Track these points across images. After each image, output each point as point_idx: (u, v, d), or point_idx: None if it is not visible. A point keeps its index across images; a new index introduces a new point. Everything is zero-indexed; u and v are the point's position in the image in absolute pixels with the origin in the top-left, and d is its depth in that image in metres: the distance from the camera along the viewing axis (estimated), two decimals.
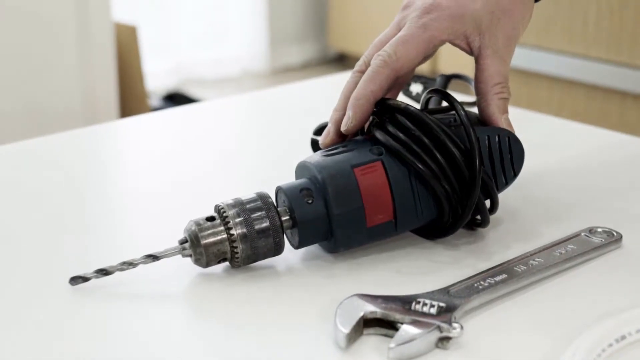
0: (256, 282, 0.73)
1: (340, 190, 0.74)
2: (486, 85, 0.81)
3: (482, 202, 0.77)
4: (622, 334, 0.64)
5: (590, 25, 1.97)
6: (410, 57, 0.80)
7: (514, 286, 0.71)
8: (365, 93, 0.79)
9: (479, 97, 0.82)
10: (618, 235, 0.80)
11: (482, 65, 0.82)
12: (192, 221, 0.73)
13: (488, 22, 0.81)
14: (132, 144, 1.16)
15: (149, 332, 0.67)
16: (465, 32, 0.81)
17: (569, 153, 1.05)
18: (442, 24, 0.80)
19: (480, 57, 0.82)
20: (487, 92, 0.81)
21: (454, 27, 0.80)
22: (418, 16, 0.80)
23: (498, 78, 0.81)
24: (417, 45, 0.80)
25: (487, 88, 0.81)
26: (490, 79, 0.81)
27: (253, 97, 1.44)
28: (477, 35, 0.81)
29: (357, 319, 0.64)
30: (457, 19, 0.80)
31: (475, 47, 0.81)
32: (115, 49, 2.64)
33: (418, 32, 0.79)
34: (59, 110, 2.48)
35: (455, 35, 0.81)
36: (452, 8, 0.80)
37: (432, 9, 0.80)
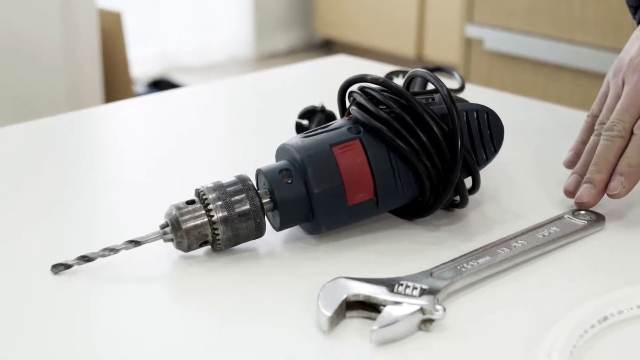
0: (238, 265, 0.73)
1: (320, 169, 0.74)
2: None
3: (461, 182, 0.77)
4: (604, 315, 0.64)
5: (576, 10, 1.97)
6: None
7: (496, 268, 0.71)
8: (639, 162, 0.81)
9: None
10: (601, 217, 0.80)
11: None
12: (173, 205, 0.72)
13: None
14: (116, 129, 1.16)
15: (132, 317, 0.66)
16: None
17: (553, 136, 1.05)
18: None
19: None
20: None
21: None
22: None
23: None
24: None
25: None
26: None
27: (238, 82, 1.44)
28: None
29: (339, 301, 0.64)
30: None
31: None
32: (99, 35, 2.62)
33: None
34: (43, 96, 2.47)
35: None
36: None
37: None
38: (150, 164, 0.99)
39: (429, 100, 0.79)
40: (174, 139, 1.08)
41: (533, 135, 1.06)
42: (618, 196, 0.80)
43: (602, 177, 0.81)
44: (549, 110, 1.19)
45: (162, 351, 0.62)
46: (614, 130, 0.82)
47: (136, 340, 0.63)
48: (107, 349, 0.62)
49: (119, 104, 1.29)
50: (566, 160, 0.89)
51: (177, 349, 0.62)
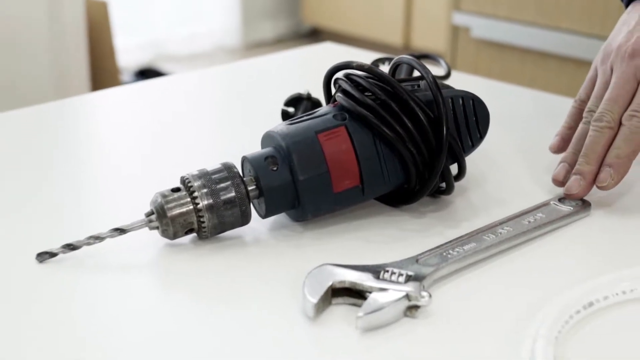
0: (224, 252, 0.73)
1: (305, 156, 0.73)
2: None
3: (447, 169, 0.77)
4: (590, 301, 0.64)
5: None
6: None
7: (482, 255, 0.71)
8: (627, 153, 0.81)
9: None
10: (587, 203, 0.80)
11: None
12: (158, 193, 0.72)
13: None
14: (102, 117, 1.15)
15: (117, 305, 0.66)
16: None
17: (539, 123, 1.05)
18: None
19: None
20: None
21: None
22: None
23: None
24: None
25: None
26: None
27: (224, 70, 1.43)
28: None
29: (325, 288, 0.64)
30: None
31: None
32: (86, 24, 2.62)
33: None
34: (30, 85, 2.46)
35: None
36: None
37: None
38: (135, 151, 0.98)
39: (414, 87, 0.79)
40: (160, 126, 1.08)
41: (519, 122, 1.06)
42: (607, 188, 0.80)
43: (591, 169, 0.81)
44: (535, 97, 1.19)
45: (148, 339, 0.62)
46: (602, 121, 0.82)
47: (122, 328, 0.63)
48: (93, 337, 0.62)
49: (105, 92, 1.28)
50: (552, 145, 0.89)
51: (163, 337, 0.62)
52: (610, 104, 0.82)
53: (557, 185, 0.83)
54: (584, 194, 0.81)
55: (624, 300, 0.65)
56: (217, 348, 0.60)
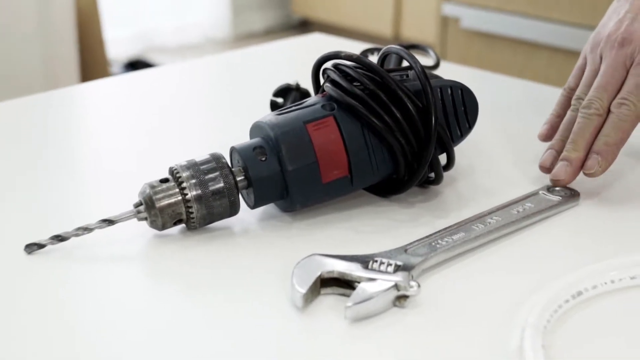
0: (213, 243, 0.73)
1: (293, 147, 0.73)
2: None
3: (436, 158, 0.77)
4: (578, 290, 0.64)
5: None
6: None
7: (471, 244, 0.71)
8: (615, 141, 0.81)
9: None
10: (575, 193, 0.80)
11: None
12: (147, 184, 0.72)
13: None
14: (91, 109, 1.15)
15: (106, 296, 0.66)
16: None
17: (529, 113, 1.05)
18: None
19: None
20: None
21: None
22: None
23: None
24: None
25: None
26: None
27: (213, 61, 1.43)
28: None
29: (314, 278, 0.64)
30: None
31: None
32: (75, 16, 2.61)
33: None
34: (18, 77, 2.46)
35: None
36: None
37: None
38: (124, 142, 0.98)
39: (403, 77, 0.79)
40: (149, 117, 1.08)
41: (508, 112, 1.06)
42: (594, 175, 0.80)
43: (578, 155, 0.81)
44: (524, 87, 1.19)
45: (137, 329, 0.61)
46: (591, 108, 0.82)
47: (111, 319, 0.63)
48: (82, 328, 0.62)
49: (94, 83, 1.28)
50: (541, 133, 0.89)
51: (152, 327, 0.62)
52: (599, 92, 0.83)
53: (544, 172, 0.83)
54: (570, 181, 0.81)
55: (612, 289, 0.66)
56: (206, 338, 0.60)
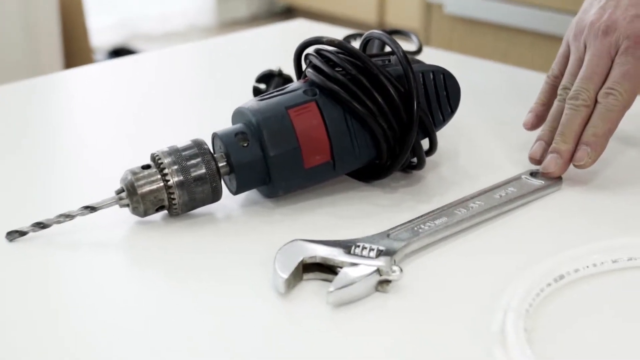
0: (195, 229, 0.73)
1: (275, 132, 0.73)
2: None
3: (418, 143, 0.77)
4: (560, 274, 0.64)
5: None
6: (637, 92, 0.83)
7: (454, 229, 0.71)
8: (604, 132, 0.81)
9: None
10: (558, 177, 0.80)
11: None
12: (128, 170, 0.72)
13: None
14: (74, 96, 1.15)
15: (89, 283, 0.66)
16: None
17: (511, 98, 1.05)
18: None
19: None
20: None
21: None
22: (634, 47, 0.82)
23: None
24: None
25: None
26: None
27: (196, 48, 1.43)
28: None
29: (296, 264, 0.64)
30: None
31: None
32: (58, 4, 2.60)
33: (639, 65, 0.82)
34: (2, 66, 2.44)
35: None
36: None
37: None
38: (106, 129, 0.98)
39: (385, 62, 0.78)
40: (132, 104, 1.07)
41: (491, 96, 1.06)
42: (584, 166, 0.80)
43: (568, 147, 0.81)
44: (507, 71, 1.19)
45: (120, 316, 0.61)
46: (578, 99, 0.82)
47: (93, 306, 0.63)
48: (65, 315, 0.61)
49: (77, 70, 1.28)
50: (526, 122, 0.89)
51: (134, 314, 0.62)
52: (586, 82, 0.83)
53: (534, 163, 0.83)
54: (561, 173, 0.80)
55: (594, 272, 0.66)
56: (188, 324, 0.60)
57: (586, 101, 0.82)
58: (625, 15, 0.83)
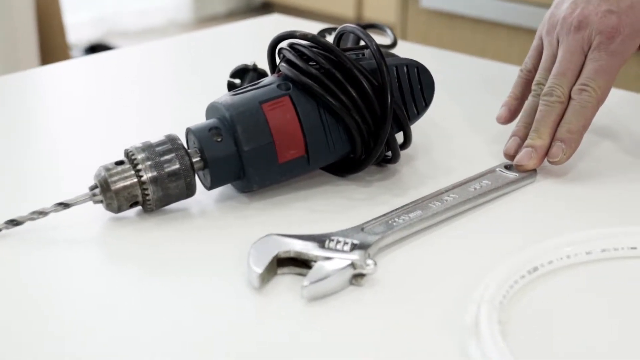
0: (170, 225, 0.72)
1: (249, 127, 0.73)
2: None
3: (392, 137, 0.77)
4: (534, 266, 0.64)
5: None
6: (610, 87, 0.84)
7: (428, 222, 0.71)
8: (578, 128, 0.82)
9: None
10: (532, 170, 0.80)
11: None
12: (102, 166, 0.72)
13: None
14: (49, 92, 1.14)
15: (63, 280, 0.66)
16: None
17: (487, 91, 1.06)
18: (628, 46, 0.84)
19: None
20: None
21: (635, 43, 0.85)
22: (606, 43, 0.83)
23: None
24: (614, 74, 0.84)
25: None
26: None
27: (171, 43, 1.42)
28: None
29: (270, 258, 0.64)
30: (637, 34, 0.84)
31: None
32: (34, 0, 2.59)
33: (613, 60, 0.83)
34: None
35: (636, 47, 0.85)
36: (632, 24, 0.84)
37: (616, 34, 0.83)
38: (81, 125, 0.98)
39: (358, 55, 0.78)
40: (106, 100, 1.07)
41: (466, 90, 1.06)
42: (559, 163, 0.81)
43: (543, 143, 0.81)
44: (482, 65, 1.20)
45: (94, 312, 0.61)
46: (552, 96, 0.82)
47: (67, 303, 0.62)
48: (39, 312, 0.61)
49: (54, 66, 1.27)
50: (499, 116, 0.89)
51: (109, 310, 0.61)
52: (559, 78, 0.83)
53: (509, 159, 0.83)
54: (534, 167, 0.81)
55: (568, 264, 0.66)
56: (163, 319, 0.60)
57: (560, 97, 0.82)
58: (597, 11, 0.84)
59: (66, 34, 2.77)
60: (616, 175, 0.82)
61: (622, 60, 0.83)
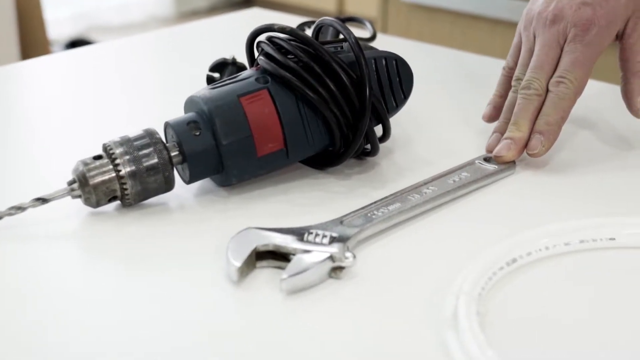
0: (148, 219, 0.72)
1: (227, 120, 0.73)
2: (629, 62, 0.86)
3: (371, 130, 0.77)
4: (513, 257, 0.64)
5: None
6: (587, 78, 0.84)
7: (407, 215, 0.71)
8: (556, 120, 0.82)
9: (621, 76, 0.87)
10: (511, 162, 0.80)
11: (626, 45, 0.86)
12: (80, 161, 0.71)
13: (631, 13, 0.86)
14: (28, 87, 1.14)
15: (42, 274, 0.65)
16: (618, 31, 0.86)
17: (466, 84, 1.06)
18: (603, 37, 0.85)
19: (624, 38, 0.86)
20: (629, 69, 0.86)
21: (610, 34, 0.85)
22: (581, 35, 0.84)
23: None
24: (590, 65, 0.84)
25: (629, 65, 0.86)
26: (634, 56, 0.86)
27: (151, 38, 1.42)
28: (624, 26, 0.86)
29: (249, 252, 0.64)
30: (612, 25, 0.85)
31: (620, 34, 0.87)
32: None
33: (588, 52, 0.84)
34: None
35: (612, 38, 0.86)
36: (607, 16, 0.84)
37: (590, 26, 0.84)
38: (60, 120, 0.97)
39: (337, 48, 0.78)
40: (85, 95, 1.07)
41: (446, 83, 1.06)
42: (538, 155, 0.81)
43: (521, 135, 0.81)
44: (462, 58, 1.20)
45: (74, 307, 0.61)
46: (530, 89, 0.83)
47: (47, 299, 0.62)
48: (18, 308, 0.61)
49: (33, 61, 1.26)
50: (485, 114, 0.89)
51: (89, 305, 0.61)
52: (536, 71, 0.83)
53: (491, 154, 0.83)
54: (513, 158, 0.81)
55: (546, 255, 0.66)
56: (142, 313, 0.60)
57: (538, 90, 0.82)
58: (572, 4, 0.84)
59: (46, 29, 2.76)
60: (595, 166, 0.83)
61: (598, 51, 0.84)
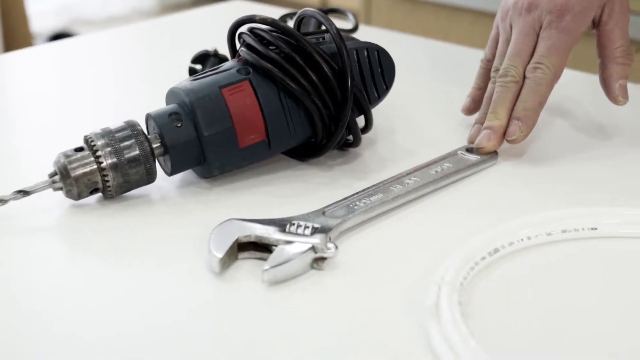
0: (130, 211, 0.72)
1: (209, 112, 0.73)
2: (606, 49, 0.86)
3: (353, 121, 0.77)
4: (495, 247, 0.64)
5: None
6: (564, 64, 0.84)
7: (389, 205, 0.71)
8: (534, 105, 0.82)
9: (599, 63, 0.87)
10: (494, 152, 0.81)
11: (603, 32, 0.86)
12: (61, 153, 0.71)
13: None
14: (8, 79, 1.13)
15: (25, 267, 0.65)
16: (594, 17, 0.86)
17: (449, 75, 1.06)
18: (578, 23, 0.84)
19: (601, 25, 0.86)
20: (606, 55, 0.86)
21: (585, 21, 0.85)
22: (556, 21, 0.84)
23: (619, 42, 0.86)
24: (567, 51, 0.84)
25: (607, 52, 0.86)
26: (611, 43, 0.86)
27: (133, 30, 1.42)
28: (600, 13, 0.86)
29: (230, 243, 0.64)
30: (587, 12, 0.85)
31: (597, 21, 0.87)
32: None
33: (564, 38, 0.84)
34: None
35: (587, 24, 0.86)
36: (581, 2, 0.84)
37: (565, 12, 0.84)
38: (41, 112, 0.97)
39: (319, 39, 0.78)
40: (67, 87, 1.06)
41: (428, 74, 1.06)
42: (517, 141, 0.81)
43: (500, 123, 0.81)
44: (445, 49, 1.20)
45: (56, 300, 0.61)
46: (507, 76, 0.83)
47: (29, 291, 0.62)
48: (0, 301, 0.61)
49: (16, 53, 1.26)
50: (463, 107, 0.90)
51: (71, 297, 0.61)
52: (513, 59, 0.83)
53: None
54: (494, 148, 0.81)
55: (528, 245, 0.66)
56: (125, 305, 0.60)
57: (515, 77, 0.82)
58: None
59: (29, 22, 2.75)
60: (576, 156, 0.83)
61: (573, 37, 0.84)
